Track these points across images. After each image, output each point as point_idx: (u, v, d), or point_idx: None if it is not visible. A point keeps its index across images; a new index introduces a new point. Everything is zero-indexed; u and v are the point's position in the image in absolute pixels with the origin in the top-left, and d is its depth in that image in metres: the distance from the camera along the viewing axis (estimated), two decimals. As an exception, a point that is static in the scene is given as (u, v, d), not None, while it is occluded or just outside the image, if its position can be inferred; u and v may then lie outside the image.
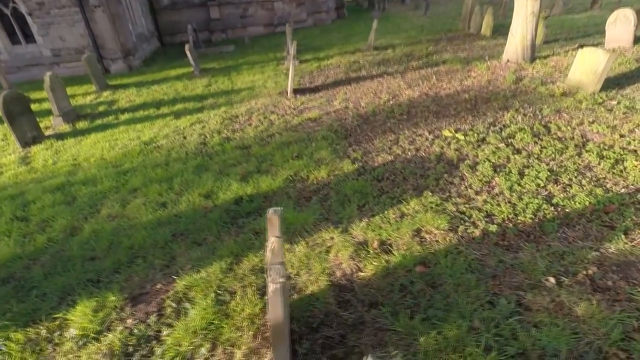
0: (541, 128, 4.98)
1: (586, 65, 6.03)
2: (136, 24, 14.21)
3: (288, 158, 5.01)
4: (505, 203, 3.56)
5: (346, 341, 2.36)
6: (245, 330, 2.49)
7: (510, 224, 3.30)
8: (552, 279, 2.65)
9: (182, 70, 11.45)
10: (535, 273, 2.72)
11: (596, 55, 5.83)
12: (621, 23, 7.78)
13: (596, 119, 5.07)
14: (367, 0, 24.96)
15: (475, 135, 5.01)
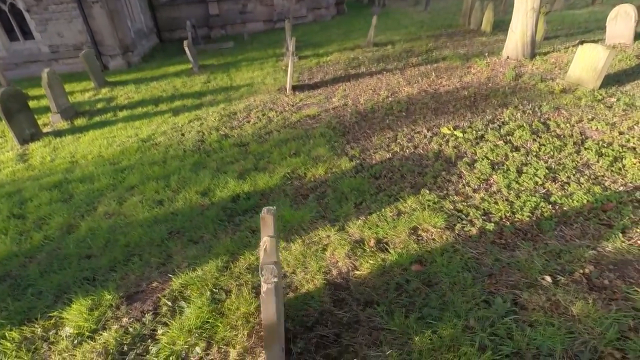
0: (540, 125, 4.95)
1: (586, 62, 5.99)
2: (135, 20, 14.14)
3: (286, 155, 5.00)
4: (503, 201, 3.55)
5: (341, 340, 2.36)
6: (240, 329, 2.49)
7: (508, 222, 3.28)
8: (549, 278, 2.64)
9: (181, 67, 11.41)
10: (531, 272, 2.71)
11: (596, 52, 5.79)
12: (622, 19, 7.72)
13: (595, 116, 5.05)
14: (367, -4, 24.78)
15: (474, 132, 4.98)
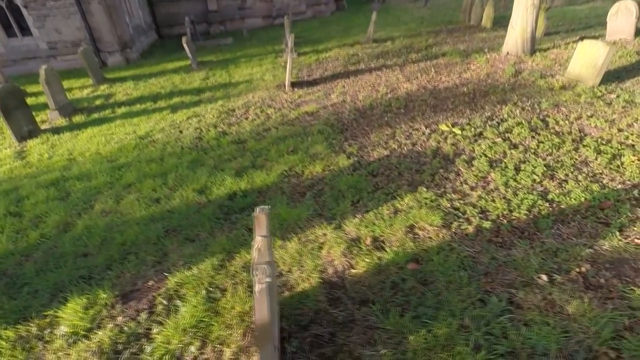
0: (539, 122, 4.93)
1: (586, 58, 5.95)
2: (133, 16, 14.07)
3: (283, 153, 4.98)
4: (500, 199, 3.53)
5: (335, 339, 2.35)
6: (235, 328, 2.48)
7: (505, 220, 3.27)
8: (545, 277, 2.63)
9: (180, 63, 11.37)
10: (528, 270, 2.70)
11: (596, 48, 5.74)
12: (623, 15, 7.66)
13: (594, 113, 5.02)
14: (367, -8, 24.63)
15: (473, 129, 4.96)
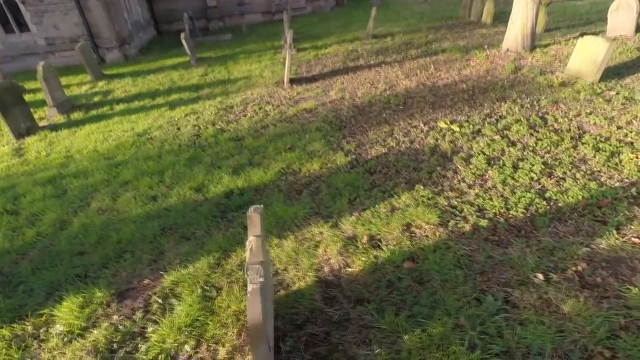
0: (538, 119, 4.90)
1: (586, 55, 5.90)
2: (132, 12, 13.99)
3: (281, 150, 4.96)
4: (498, 197, 3.52)
5: (330, 338, 2.35)
6: (230, 327, 2.48)
7: (502, 219, 3.26)
8: (541, 276, 2.62)
9: (179, 60, 11.32)
10: (524, 269, 2.69)
11: (596, 45, 5.70)
12: (623, 11, 7.60)
13: (594, 110, 4.99)
14: (368, -13, 24.46)
15: (471, 126, 4.93)
